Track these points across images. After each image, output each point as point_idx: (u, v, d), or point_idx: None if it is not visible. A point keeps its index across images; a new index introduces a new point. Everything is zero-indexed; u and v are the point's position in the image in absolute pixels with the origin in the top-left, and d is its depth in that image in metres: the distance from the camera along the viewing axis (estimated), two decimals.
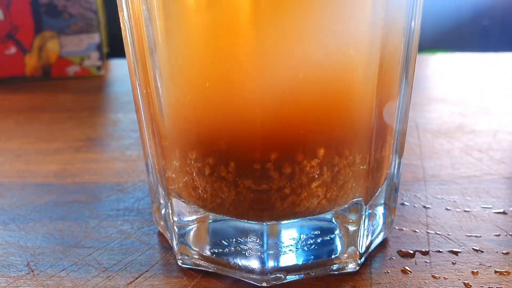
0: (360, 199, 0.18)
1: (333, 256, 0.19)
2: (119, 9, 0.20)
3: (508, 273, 0.19)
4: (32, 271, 0.20)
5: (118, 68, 0.56)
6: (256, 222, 0.18)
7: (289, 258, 0.19)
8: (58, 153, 0.32)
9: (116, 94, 0.46)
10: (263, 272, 0.18)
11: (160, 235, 0.22)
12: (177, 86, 0.18)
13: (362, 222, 0.19)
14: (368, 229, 0.19)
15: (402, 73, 0.19)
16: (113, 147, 0.33)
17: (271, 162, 0.17)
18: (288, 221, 0.18)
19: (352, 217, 0.19)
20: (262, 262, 0.18)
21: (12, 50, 0.51)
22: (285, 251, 0.19)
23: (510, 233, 0.21)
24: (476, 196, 0.24)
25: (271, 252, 0.18)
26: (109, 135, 0.35)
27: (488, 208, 0.23)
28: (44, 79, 0.52)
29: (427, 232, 0.21)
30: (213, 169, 0.18)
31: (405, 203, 0.24)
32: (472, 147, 0.31)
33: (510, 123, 0.35)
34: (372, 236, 0.20)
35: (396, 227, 0.22)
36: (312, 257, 0.19)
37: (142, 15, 0.18)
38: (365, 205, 0.19)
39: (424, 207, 0.24)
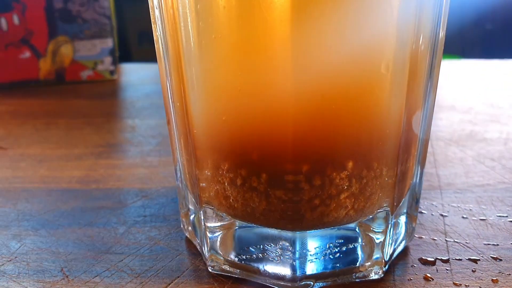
0: (387, 209, 0.19)
1: (358, 264, 0.20)
2: (152, 21, 0.21)
3: None
4: (67, 276, 0.20)
5: (130, 73, 0.57)
6: (286, 230, 0.19)
7: (316, 266, 0.19)
8: (79, 159, 0.32)
9: (131, 99, 0.47)
10: (294, 279, 0.19)
11: (188, 241, 0.23)
12: (210, 98, 0.19)
13: (388, 230, 0.19)
14: (392, 237, 0.20)
15: (428, 82, 0.20)
16: (134, 153, 0.33)
17: (303, 174, 0.18)
18: (316, 230, 0.19)
19: (376, 226, 0.20)
20: (293, 269, 0.19)
21: (27, 54, 0.52)
22: (312, 259, 0.19)
23: None
24: (491, 205, 0.25)
25: (300, 259, 0.19)
26: (129, 141, 0.36)
27: (503, 216, 0.24)
28: (58, 83, 0.53)
29: (446, 240, 0.22)
30: (245, 180, 0.18)
31: (423, 211, 0.25)
32: (485, 156, 0.32)
33: None
34: (395, 244, 0.21)
35: (416, 235, 0.23)
36: (338, 264, 0.20)
37: (178, 27, 0.18)
38: (391, 215, 0.19)
39: (441, 215, 0.24)
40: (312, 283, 0.19)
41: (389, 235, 0.20)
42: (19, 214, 0.25)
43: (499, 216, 0.24)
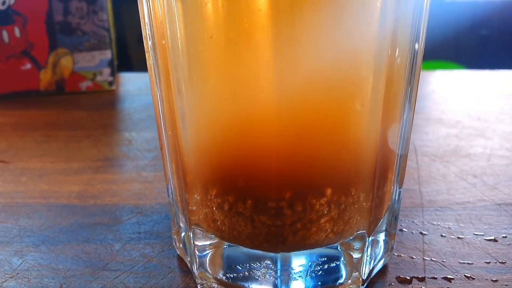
0: (364, 231, 0.21)
1: (338, 282, 0.21)
2: (145, 50, 0.22)
3: None
4: None
5: (128, 83, 0.58)
6: (267, 252, 0.20)
7: (298, 284, 0.21)
8: (77, 173, 0.34)
9: (129, 111, 0.48)
10: None
11: (179, 258, 0.24)
12: (199, 129, 0.20)
13: (365, 250, 0.21)
14: (370, 255, 0.22)
15: (405, 100, 0.21)
16: (130, 167, 0.35)
17: (285, 200, 0.19)
18: (301, 251, 0.20)
19: (356, 245, 0.21)
20: (275, 286, 0.20)
21: (28, 66, 0.53)
22: (295, 277, 0.21)
23: (500, 261, 0.23)
24: (469, 223, 0.27)
25: (283, 278, 0.20)
26: (125, 154, 0.37)
27: (480, 235, 0.25)
28: (58, 94, 0.55)
29: (423, 258, 0.23)
30: (232, 205, 0.20)
31: (404, 229, 0.26)
32: (467, 172, 0.33)
33: (503, 147, 0.37)
34: (374, 262, 0.22)
35: (396, 254, 0.24)
36: (320, 283, 0.21)
37: (169, 61, 0.20)
38: (368, 237, 0.21)
39: (421, 233, 0.26)
40: None
41: (366, 254, 0.21)
42: (20, 230, 0.27)
43: (476, 234, 0.25)
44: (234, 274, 0.21)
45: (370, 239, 0.21)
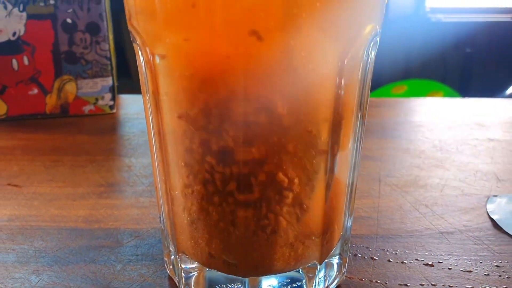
0: (315, 261, 0.26)
1: None
2: (146, 120, 0.27)
3: None
4: None
5: (128, 106, 0.63)
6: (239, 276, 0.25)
7: None
8: (83, 198, 0.39)
9: (128, 136, 0.53)
10: None
11: (170, 278, 0.29)
12: (182, 177, 0.25)
13: (316, 274, 0.26)
14: (324, 277, 0.27)
15: (354, 151, 0.26)
16: (129, 193, 0.40)
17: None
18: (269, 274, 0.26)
19: (311, 269, 0.26)
20: None
21: (35, 91, 0.58)
22: None
23: (432, 283, 0.28)
24: (414, 250, 0.32)
25: None
26: (125, 180, 0.42)
27: (420, 260, 0.31)
28: (62, 116, 0.60)
29: (370, 280, 0.29)
30: (208, 242, 0.25)
31: (358, 254, 0.31)
32: (421, 202, 0.38)
33: (457, 177, 0.43)
34: (328, 282, 0.27)
35: (348, 276, 0.29)
36: None
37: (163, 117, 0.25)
38: (319, 264, 0.26)
39: (372, 258, 0.31)
40: None
41: (318, 277, 0.26)
42: (36, 252, 0.32)
43: (417, 260, 0.31)
44: None
45: (323, 264, 0.26)
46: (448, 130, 0.55)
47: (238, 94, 0.21)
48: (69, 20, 0.57)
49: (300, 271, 0.27)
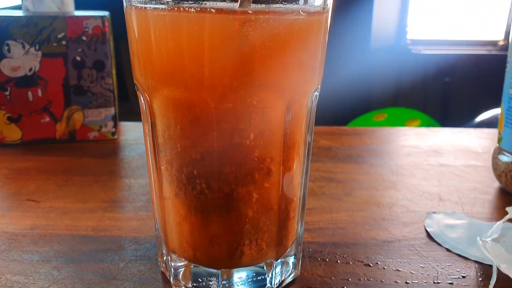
0: (271, 259, 0.34)
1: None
2: (145, 146, 0.35)
3: None
4: None
5: (128, 132, 0.72)
6: (216, 269, 0.33)
7: None
8: (91, 212, 0.47)
9: (128, 159, 0.61)
10: None
11: (162, 273, 0.37)
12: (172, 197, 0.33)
13: (273, 269, 0.34)
14: (281, 272, 0.35)
15: (303, 161, 0.34)
16: (129, 208, 0.48)
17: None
18: (238, 268, 0.33)
19: (269, 266, 0.34)
20: None
21: (47, 119, 0.66)
22: (235, 285, 0.34)
23: (368, 279, 0.36)
24: (358, 254, 0.40)
25: (226, 285, 0.33)
26: (126, 198, 0.50)
27: (362, 261, 0.39)
28: (70, 142, 0.68)
29: (319, 276, 0.36)
30: (190, 243, 0.33)
31: (313, 256, 0.39)
32: (372, 217, 0.46)
33: (405, 197, 0.51)
34: (285, 276, 0.35)
35: (302, 272, 0.37)
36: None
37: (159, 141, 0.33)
38: (275, 261, 0.34)
39: (323, 260, 0.39)
40: None
41: (275, 272, 0.34)
42: (55, 253, 0.39)
43: (359, 261, 0.39)
44: (197, 284, 0.34)
45: (278, 262, 0.34)
46: (406, 157, 0.63)
47: (211, 132, 0.30)
48: (78, 58, 0.65)
49: (264, 267, 0.35)
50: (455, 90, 1.82)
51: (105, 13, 0.67)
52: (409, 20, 1.90)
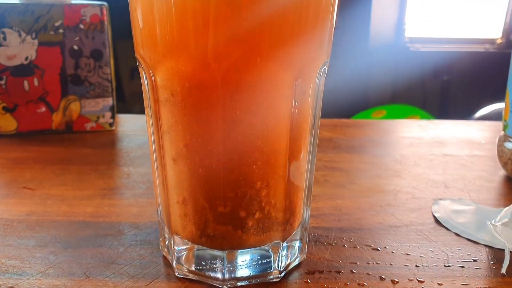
0: (278, 241, 0.32)
1: (267, 271, 0.33)
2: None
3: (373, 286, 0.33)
4: (88, 277, 0.33)
5: (125, 124, 0.70)
6: (220, 251, 0.32)
7: (241, 272, 0.32)
8: (89, 199, 0.45)
9: (126, 149, 0.60)
10: (224, 280, 0.32)
11: (164, 257, 0.35)
12: (176, 187, 0.32)
13: (280, 251, 0.33)
14: (286, 255, 0.33)
15: (309, 148, 0.33)
16: (129, 195, 0.46)
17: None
18: (242, 250, 0.32)
19: (275, 248, 0.33)
20: (223, 274, 0.32)
21: (43, 109, 0.65)
22: (239, 268, 0.32)
23: (377, 262, 0.35)
24: (365, 238, 0.38)
25: (230, 268, 0.32)
26: (125, 185, 0.49)
27: (369, 246, 0.37)
28: (67, 132, 0.66)
29: (326, 260, 0.35)
30: (201, 216, 0.32)
31: (318, 241, 0.38)
32: (377, 204, 0.45)
33: (410, 185, 0.50)
34: (290, 260, 0.34)
35: (309, 255, 0.36)
36: (255, 272, 0.33)
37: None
38: (282, 243, 0.33)
39: (330, 244, 0.38)
40: (235, 282, 0.32)
41: (281, 255, 0.33)
42: (52, 238, 0.38)
43: (366, 245, 0.37)
44: (200, 267, 0.33)
45: (285, 245, 0.33)
46: (409, 147, 0.62)
47: (216, 107, 0.28)
48: (75, 47, 0.64)
49: (269, 251, 0.33)
50: (453, 87, 1.82)
51: (103, 2, 0.66)
52: (407, 18, 1.89)
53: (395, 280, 0.33)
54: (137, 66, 0.34)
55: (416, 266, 0.35)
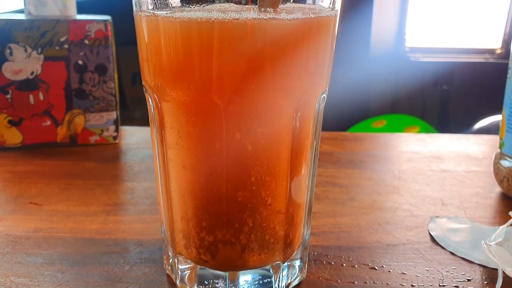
0: (278, 261, 0.34)
1: None
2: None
3: None
4: None
5: (129, 137, 0.72)
6: (223, 272, 0.33)
7: None
8: (95, 215, 0.46)
9: (130, 163, 0.61)
10: None
11: (168, 276, 0.37)
12: (180, 206, 0.33)
13: (280, 271, 0.34)
14: (287, 275, 0.34)
15: (311, 163, 0.34)
16: (133, 211, 0.47)
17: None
18: (244, 270, 0.33)
19: (276, 268, 0.34)
20: None
21: (48, 122, 0.66)
22: (241, 287, 0.34)
23: (374, 282, 0.36)
24: (363, 257, 0.40)
25: (232, 287, 0.33)
26: (129, 201, 0.50)
27: (367, 265, 0.39)
28: (71, 145, 0.68)
29: (325, 279, 0.36)
30: (202, 240, 0.33)
31: (318, 260, 0.39)
32: (375, 221, 0.46)
33: (408, 201, 0.51)
34: (291, 279, 0.35)
35: (310, 275, 0.37)
36: None
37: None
38: (283, 263, 0.34)
39: (329, 263, 0.39)
40: None
41: (282, 275, 0.34)
42: (59, 255, 0.39)
43: (364, 264, 0.39)
44: (203, 286, 0.34)
45: (285, 264, 0.34)
46: (408, 162, 0.64)
47: (219, 133, 0.30)
48: (80, 62, 0.65)
49: (270, 270, 0.35)
50: (453, 97, 1.83)
51: (107, 17, 0.67)
52: (408, 28, 1.91)
53: None
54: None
55: (412, 285, 0.36)
